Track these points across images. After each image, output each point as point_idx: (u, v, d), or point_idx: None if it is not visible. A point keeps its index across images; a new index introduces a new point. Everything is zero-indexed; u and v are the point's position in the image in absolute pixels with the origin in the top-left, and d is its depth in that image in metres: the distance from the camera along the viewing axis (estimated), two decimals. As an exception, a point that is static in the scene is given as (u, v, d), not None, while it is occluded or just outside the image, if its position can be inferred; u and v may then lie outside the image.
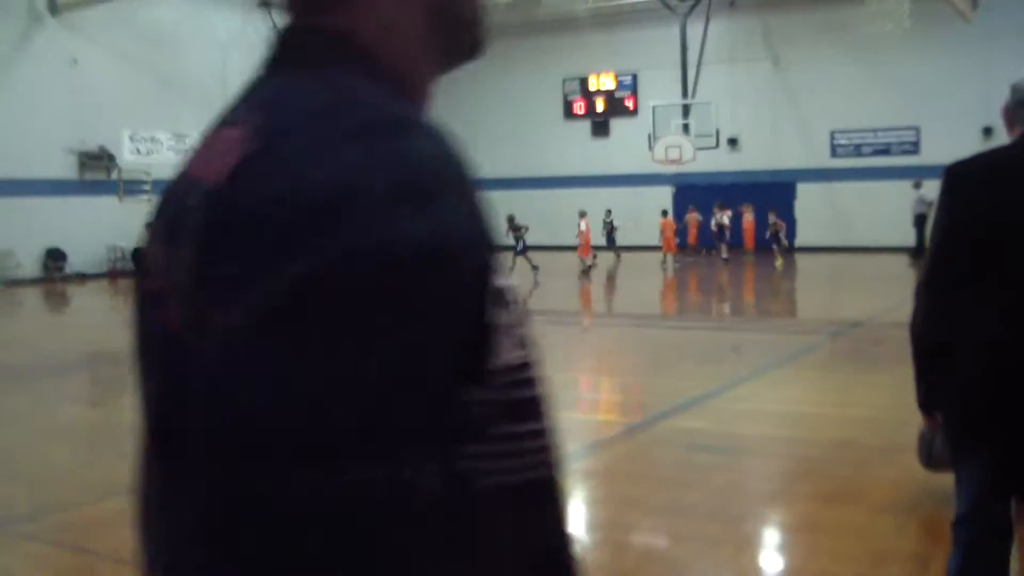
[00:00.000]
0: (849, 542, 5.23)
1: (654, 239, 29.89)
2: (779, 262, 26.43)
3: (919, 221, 26.62)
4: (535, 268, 23.76)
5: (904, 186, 26.67)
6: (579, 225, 26.25)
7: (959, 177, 3.24)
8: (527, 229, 24.93)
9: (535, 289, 21.26)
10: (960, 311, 3.14)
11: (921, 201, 26.35)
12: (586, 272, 25.41)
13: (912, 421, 8.38)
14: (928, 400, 3.32)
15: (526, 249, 24.58)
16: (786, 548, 5.37)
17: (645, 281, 24.88)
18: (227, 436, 0.83)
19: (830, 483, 6.37)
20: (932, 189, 25.71)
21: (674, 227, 28.63)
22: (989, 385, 3.05)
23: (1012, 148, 3.23)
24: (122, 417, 9.54)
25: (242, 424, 0.82)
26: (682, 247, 30.08)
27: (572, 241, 26.92)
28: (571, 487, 6.74)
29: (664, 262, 27.79)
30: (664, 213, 29.29)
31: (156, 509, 0.98)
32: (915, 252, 26.30)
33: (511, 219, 24.73)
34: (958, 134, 26.34)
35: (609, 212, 30.27)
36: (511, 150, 37.40)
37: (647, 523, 5.78)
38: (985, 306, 3.10)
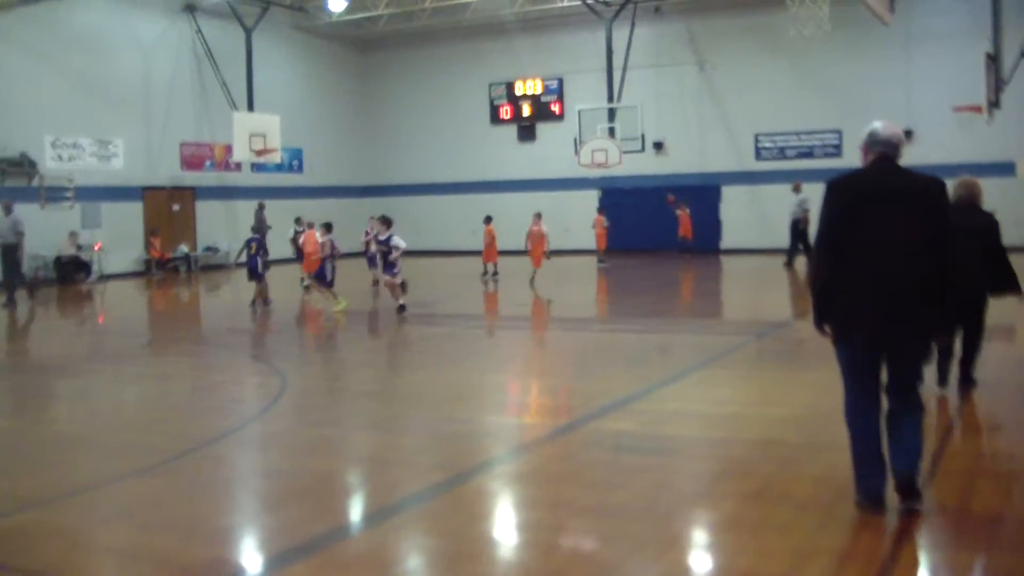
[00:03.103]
0: (773, 539, 5.31)
1: (584, 243, 30.12)
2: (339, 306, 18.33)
3: (795, 225, 26.19)
4: (256, 302, 18.94)
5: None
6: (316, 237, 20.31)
7: (836, 188, 5.64)
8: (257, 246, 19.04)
9: (258, 316, 18.02)
10: (836, 271, 5.55)
11: (800, 206, 26.08)
12: (307, 287, 21.51)
13: (834, 419, 8.47)
14: (820, 320, 5.67)
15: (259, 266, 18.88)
16: (712, 547, 5.43)
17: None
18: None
19: (755, 482, 6.46)
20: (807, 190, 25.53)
21: (493, 236, 25.10)
22: (850, 307, 5.54)
23: (869, 170, 5.71)
24: (36, 429, 9.31)
25: None
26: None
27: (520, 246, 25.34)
28: (499, 490, 6.76)
29: (486, 273, 25.40)
30: (488, 220, 25.62)
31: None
32: (790, 254, 26.18)
33: (298, 221, 20.10)
34: (878, 137, 26.70)
35: (298, 220, 25.16)
36: (437, 155, 37.37)
37: (575, 524, 5.81)
38: (849, 270, 5.49)
